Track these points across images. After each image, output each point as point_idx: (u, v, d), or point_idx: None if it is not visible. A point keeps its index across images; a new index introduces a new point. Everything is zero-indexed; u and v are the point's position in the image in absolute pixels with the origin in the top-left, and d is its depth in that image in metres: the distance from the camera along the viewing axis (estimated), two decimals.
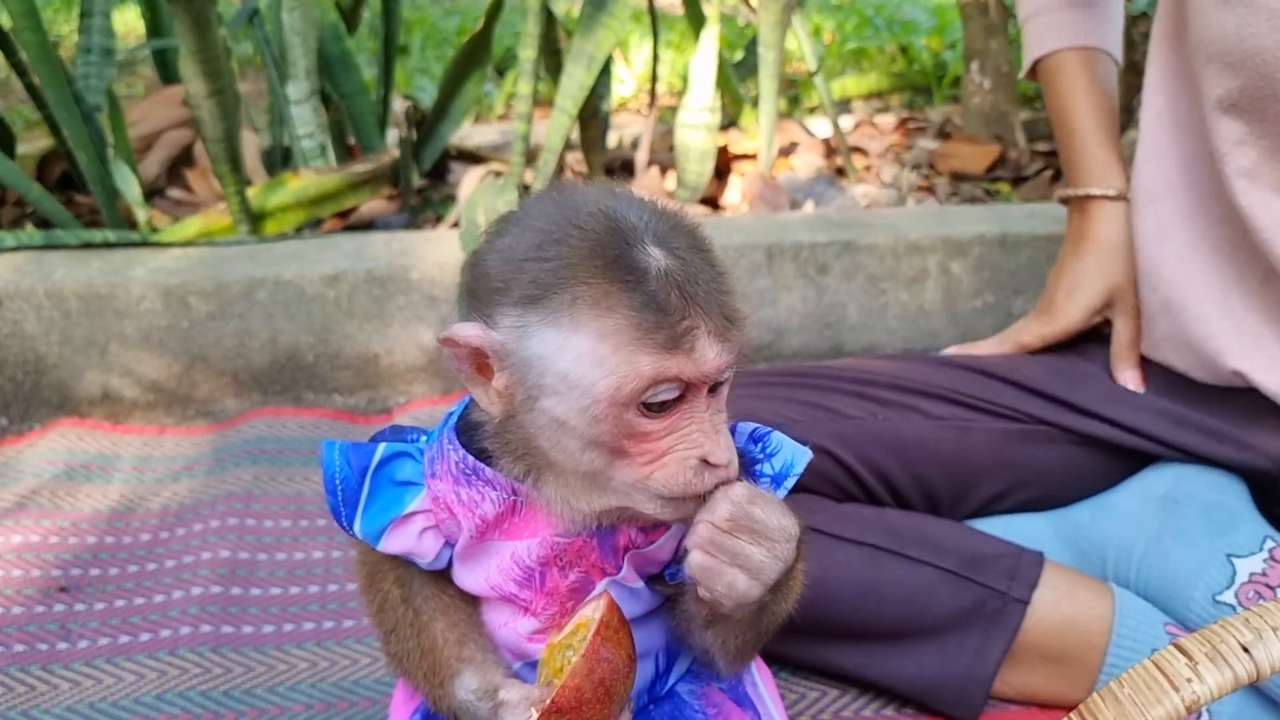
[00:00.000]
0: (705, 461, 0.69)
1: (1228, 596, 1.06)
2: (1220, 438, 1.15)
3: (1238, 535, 1.09)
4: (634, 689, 0.73)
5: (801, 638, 1.12)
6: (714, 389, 0.69)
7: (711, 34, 2.02)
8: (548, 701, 0.68)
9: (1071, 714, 0.54)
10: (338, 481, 0.77)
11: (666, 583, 0.80)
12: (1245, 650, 0.52)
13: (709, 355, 0.66)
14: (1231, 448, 1.15)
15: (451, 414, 0.80)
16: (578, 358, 0.66)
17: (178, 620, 1.24)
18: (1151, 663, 0.55)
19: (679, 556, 0.79)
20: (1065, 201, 1.31)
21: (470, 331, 0.68)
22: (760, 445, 0.79)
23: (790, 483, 0.77)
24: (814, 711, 1.12)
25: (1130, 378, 1.22)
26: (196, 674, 1.17)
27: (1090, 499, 1.21)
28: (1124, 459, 1.19)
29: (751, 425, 0.80)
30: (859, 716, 1.11)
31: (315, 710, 1.13)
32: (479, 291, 0.70)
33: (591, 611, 0.71)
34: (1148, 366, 1.24)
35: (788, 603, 0.79)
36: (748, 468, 0.78)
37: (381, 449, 0.78)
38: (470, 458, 0.75)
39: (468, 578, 0.79)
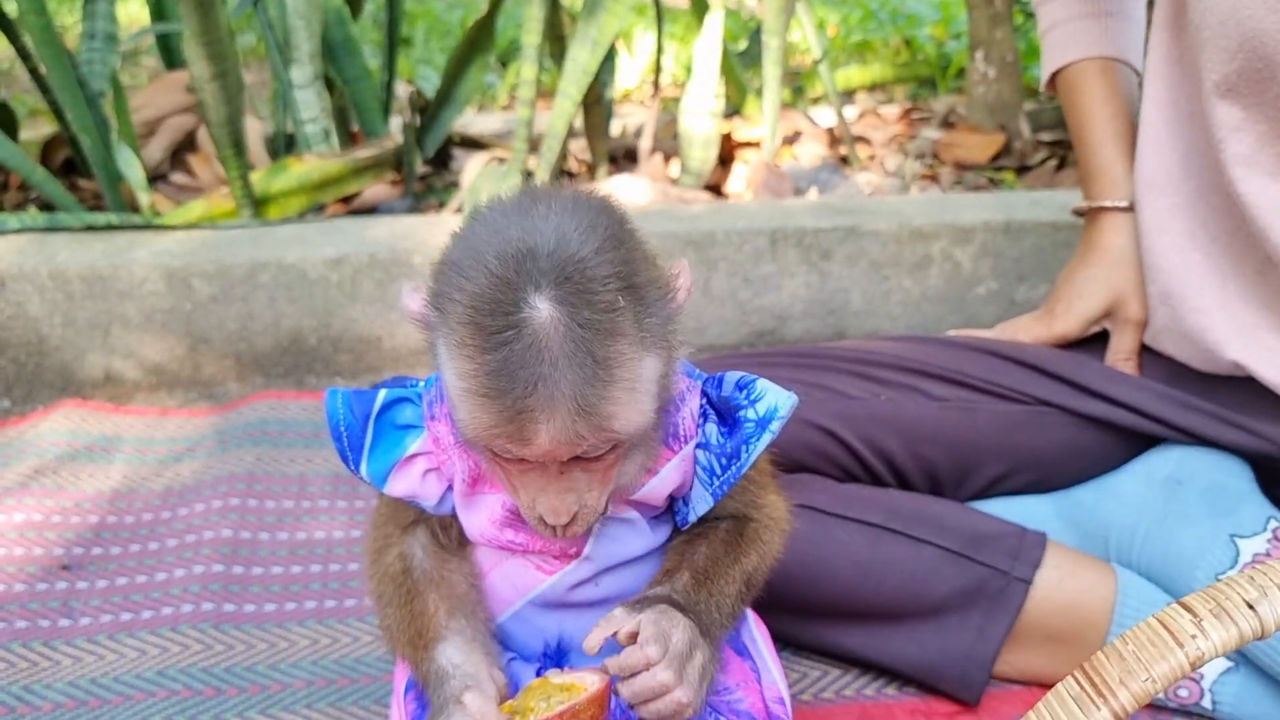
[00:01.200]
0: (542, 520, 0.71)
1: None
2: (1223, 421, 1.15)
3: (1241, 516, 1.09)
4: None
5: (803, 618, 1.12)
6: (586, 458, 0.69)
7: (716, 19, 2.01)
8: None
9: (1076, 672, 0.54)
10: (343, 428, 0.80)
11: (677, 524, 0.83)
12: (1250, 607, 0.52)
13: (539, 442, 0.66)
14: (1234, 431, 1.14)
15: None
16: (449, 381, 0.68)
17: (179, 598, 1.24)
18: (1156, 620, 0.54)
19: (684, 496, 0.82)
20: (1080, 214, 1.31)
21: (412, 303, 0.72)
22: (745, 392, 0.80)
23: (776, 426, 0.78)
24: (816, 690, 1.12)
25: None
26: (198, 650, 1.17)
27: (1093, 481, 1.21)
28: (1127, 441, 1.19)
29: (738, 374, 0.81)
30: (860, 696, 1.11)
31: (316, 686, 1.13)
32: (432, 273, 0.72)
33: (591, 684, 0.73)
34: (1148, 358, 1.23)
35: (765, 559, 0.84)
36: (732, 414, 0.79)
37: (383, 395, 0.80)
38: None
39: (470, 524, 0.81)
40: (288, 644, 1.19)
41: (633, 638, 0.73)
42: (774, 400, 0.79)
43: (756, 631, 0.91)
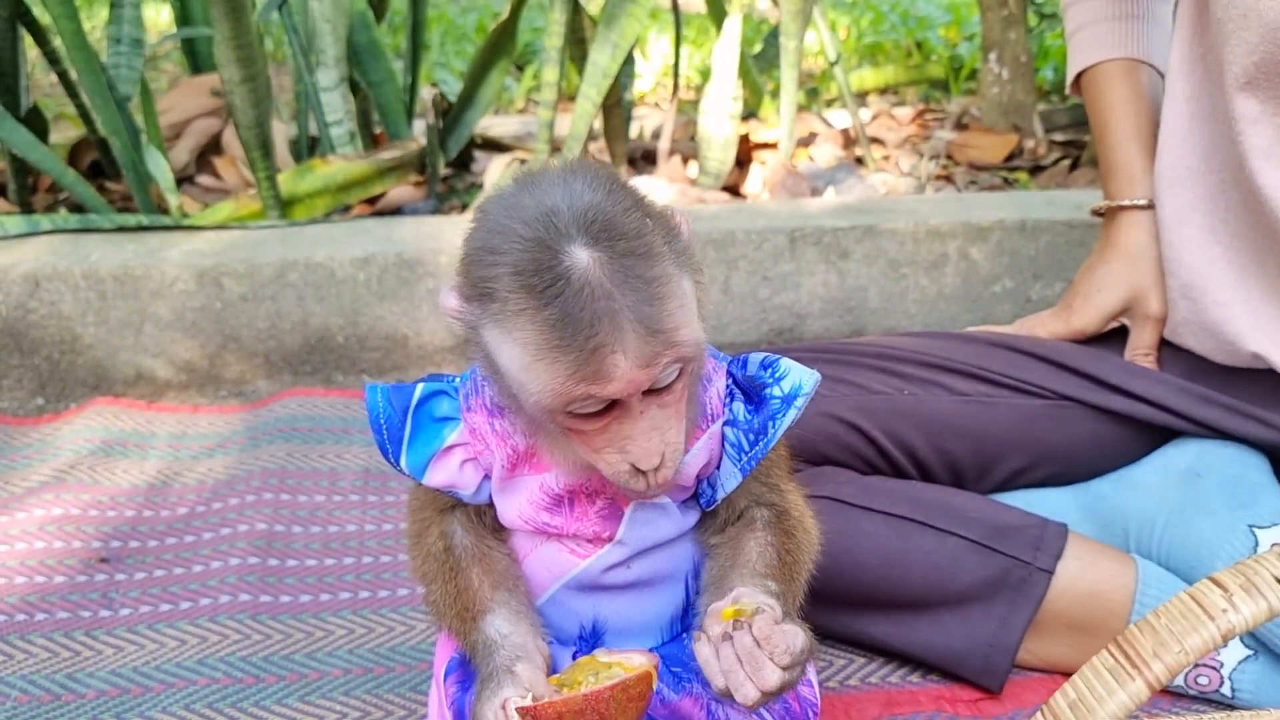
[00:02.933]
0: (634, 468, 0.72)
1: None
2: (1242, 414, 1.17)
3: (1259, 507, 1.11)
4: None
5: (829, 607, 1.14)
6: (660, 388, 0.71)
7: (735, 23, 2.04)
8: (533, 705, 0.72)
9: (1109, 645, 0.56)
10: (382, 421, 0.82)
11: (701, 506, 0.85)
12: (1279, 581, 0.54)
13: (618, 374, 0.68)
14: (1253, 424, 1.16)
15: None
16: (511, 359, 0.70)
17: (216, 589, 1.27)
18: (1188, 594, 0.57)
19: (709, 479, 0.84)
20: (1099, 214, 1.32)
21: (450, 302, 0.74)
22: (770, 370, 0.83)
23: (801, 402, 0.81)
24: (841, 678, 1.14)
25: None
26: (236, 640, 1.19)
27: (1112, 473, 1.23)
28: (1146, 434, 1.21)
29: (761, 354, 0.84)
30: (885, 684, 1.13)
31: (353, 675, 1.15)
32: (461, 266, 0.74)
33: (638, 663, 0.75)
34: (1168, 352, 1.25)
35: (814, 550, 0.86)
36: (758, 392, 0.82)
37: (420, 388, 0.83)
38: None
39: (506, 510, 0.84)
40: (324, 634, 1.22)
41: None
42: (798, 378, 0.82)
43: None
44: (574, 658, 0.86)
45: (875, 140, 2.47)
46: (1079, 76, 1.34)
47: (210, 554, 1.34)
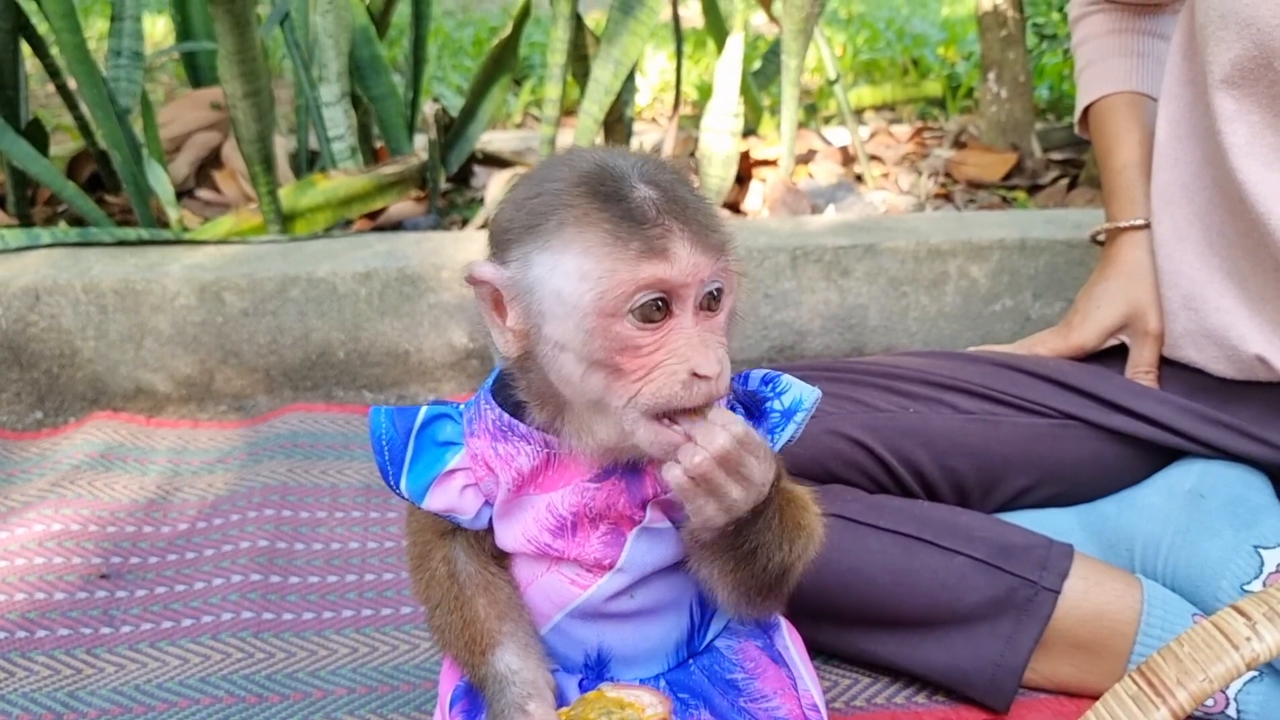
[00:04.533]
0: (694, 374, 0.72)
1: (1255, 586, 1.08)
2: (1243, 434, 1.18)
3: (1264, 528, 1.11)
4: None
5: (836, 625, 1.14)
6: (709, 307, 0.73)
7: (737, 40, 2.05)
8: None
9: (1132, 673, 0.56)
10: (384, 443, 0.82)
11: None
12: None
13: (684, 257, 0.70)
14: (1254, 443, 1.17)
15: (488, 378, 0.85)
16: (567, 274, 0.71)
17: (219, 606, 1.27)
18: (1210, 623, 0.57)
19: None
20: (1099, 241, 1.36)
21: (485, 269, 0.75)
22: (771, 385, 0.83)
23: (800, 417, 0.81)
24: (847, 698, 1.14)
25: None
26: (239, 658, 1.19)
27: (1116, 494, 1.23)
28: (1149, 454, 1.22)
29: (763, 370, 0.85)
30: (891, 704, 1.13)
31: (358, 694, 1.15)
32: (495, 237, 0.76)
33: (651, 708, 0.75)
34: (1167, 370, 1.26)
35: (792, 551, 0.82)
36: (759, 406, 0.82)
37: (424, 411, 0.83)
38: (505, 415, 0.80)
39: (506, 535, 0.83)
40: (328, 652, 1.21)
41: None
42: (799, 393, 0.82)
43: (790, 640, 0.93)
44: (580, 686, 0.85)
45: (874, 158, 2.48)
46: (1086, 111, 1.39)
47: (211, 570, 1.34)
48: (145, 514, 1.46)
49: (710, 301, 0.73)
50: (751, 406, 0.83)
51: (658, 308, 0.71)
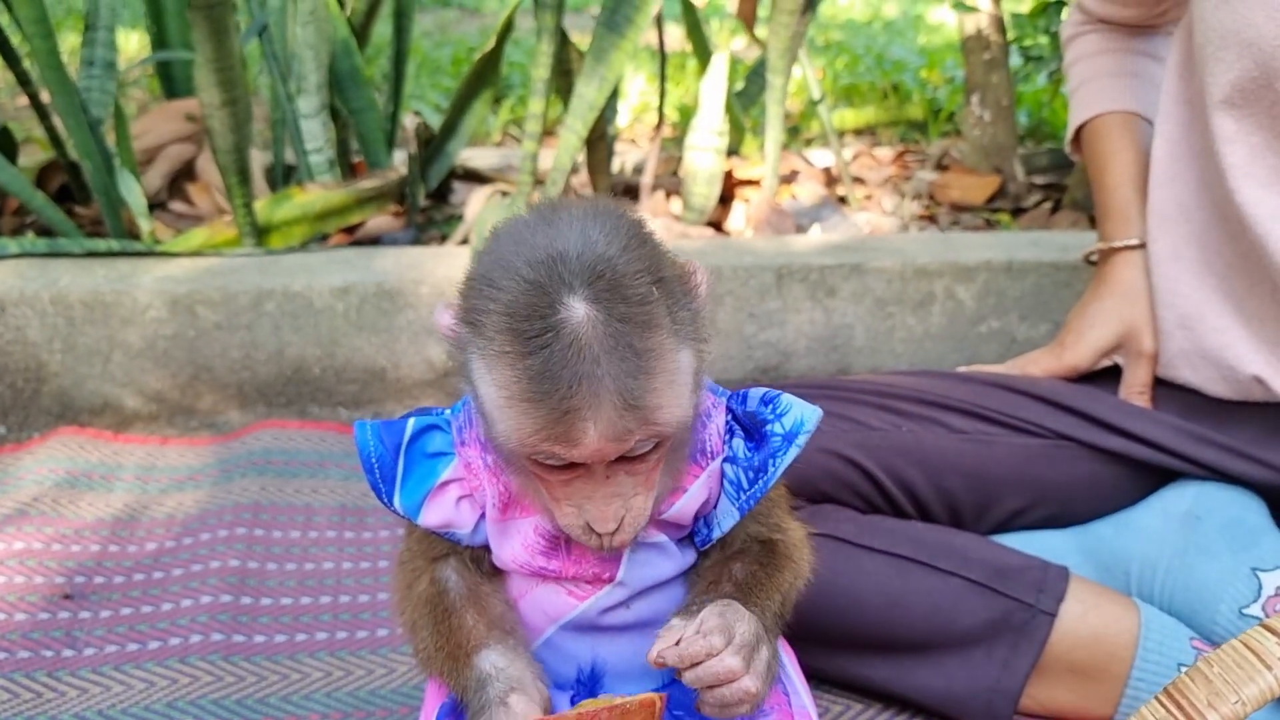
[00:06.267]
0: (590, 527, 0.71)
1: (1254, 610, 1.06)
2: (1240, 455, 1.16)
3: (1261, 550, 1.10)
4: None
5: (827, 649, 1.12)
6: (632, 457, 0.69)
7: (722, 58, 2.04)
8: None
9: (1159, 696, 0.54)
10: (374, 460, 0.79)
11: (697, 547, 0.82)
12: None
13: (586, 441, 0.66)
14: (1250, 464, 1.16)
15: None
16: (486, 395, 0.69)
17: (187, 628, 1.22)
18: (1240, 643, 0.54)
19: (705, 518, 0.81)
20: (1091, 260, 1.34)
21: (444, 319, 0.72)
22: (771, 406, 0.80)
23: (802, 439, 0.78)
24: None
25: None
26: (209, 682, 1.14)
27: (1112, 516, 1.22)
28: (1144, 475, 1.20)
29: (762, 389, 0.82)
30: None
31: (331, 719, 1.10)
32: (460, 292, 0.72)
33: (650, 697, 0.72)
34: (1162, 391, 1.25)
35: (798, 578, 0.83)
36: (759, 429, 0.79)
37: (412, 424, 0.80)
38: None
39: (501, 552, 0.80)
40: (300, 676, 1.17)
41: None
42: (800, 414, 0.79)
43: (785, 656, 0.91)
44: (571, 702, 0.82)
45: (857, 179, 2.47)
46: (1079, 131, 1.38)
47: (180, 591, 1.29)
48: (111, 533, 1.41)
49: (634, 452, 0.69)
50: (751, 428, 0.81)
51: (562, 463, 0.69)
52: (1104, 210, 1.33)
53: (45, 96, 1.98)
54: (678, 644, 0.70)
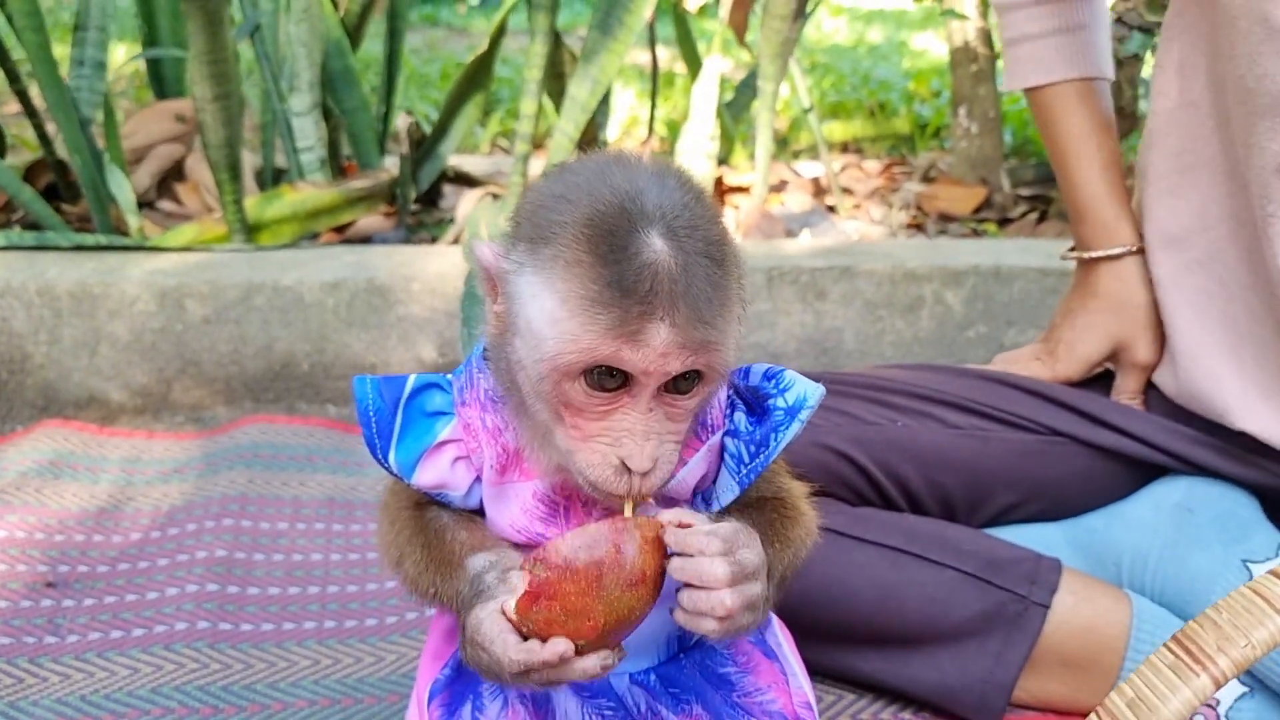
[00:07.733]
0: (624, 464, 0.68)
1: None
2: (1231, 456, 1.16)
3: (1253, 542, 1.10)
4: (631, 631, 0.71)
5: (820, 641, 1.11)
6: (677, 390, 0.68)
7: (714, 63, 2.05)
8: (543, 576, 0.67)
9: (1169, 643, 0.54)
10: (371, 414, 0.77)
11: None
12: None
13: (654, 347, 0.65)
14: (1243, 465, 1.15)
15: (477, 346, 0.81)
16: (542, 309, 0.67)
17: (173, 617, 1.20)
18: (1248, 588, 0.54)
19: (704, 493, 0.80)
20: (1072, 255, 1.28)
21: (485, 252, 0.71)
22: (774, 381, 0.79)
23: (805, 415, 0.77)
24: (832, 714, 1.11)
25: None
26: (194, 669, 1.12)
27: (1103, 508, 1.21)
28: (1137, 471, 1.20)
29: (764, 365, 0.81)
30: None
31: (319, 706, 1.09)
32: (513, 218, 0.72)
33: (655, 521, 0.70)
34: (1155, 394, 1.23)
35: (809, 535, 0.82)
36: (761, 403, 0.79)
37: (413, 379, 0.78)
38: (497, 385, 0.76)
39: (497, 520, 0.79)
40: (287, 664, 1.15)
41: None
42: (803, 390, 0.79)
43: (782, 636, 0.90)
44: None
45: (845, 190, 2.49)
46: (1028, 91, 1.28)
47: (166, 580, 1.27)
48: (95, 523, 1.39)
49: (681, 384, 0.68)
50: (753, 403, 0.80)
51: (612, 376, 0.67)
52: (1076, 209, 1.26)
53: (35, 93, 1.97)
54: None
